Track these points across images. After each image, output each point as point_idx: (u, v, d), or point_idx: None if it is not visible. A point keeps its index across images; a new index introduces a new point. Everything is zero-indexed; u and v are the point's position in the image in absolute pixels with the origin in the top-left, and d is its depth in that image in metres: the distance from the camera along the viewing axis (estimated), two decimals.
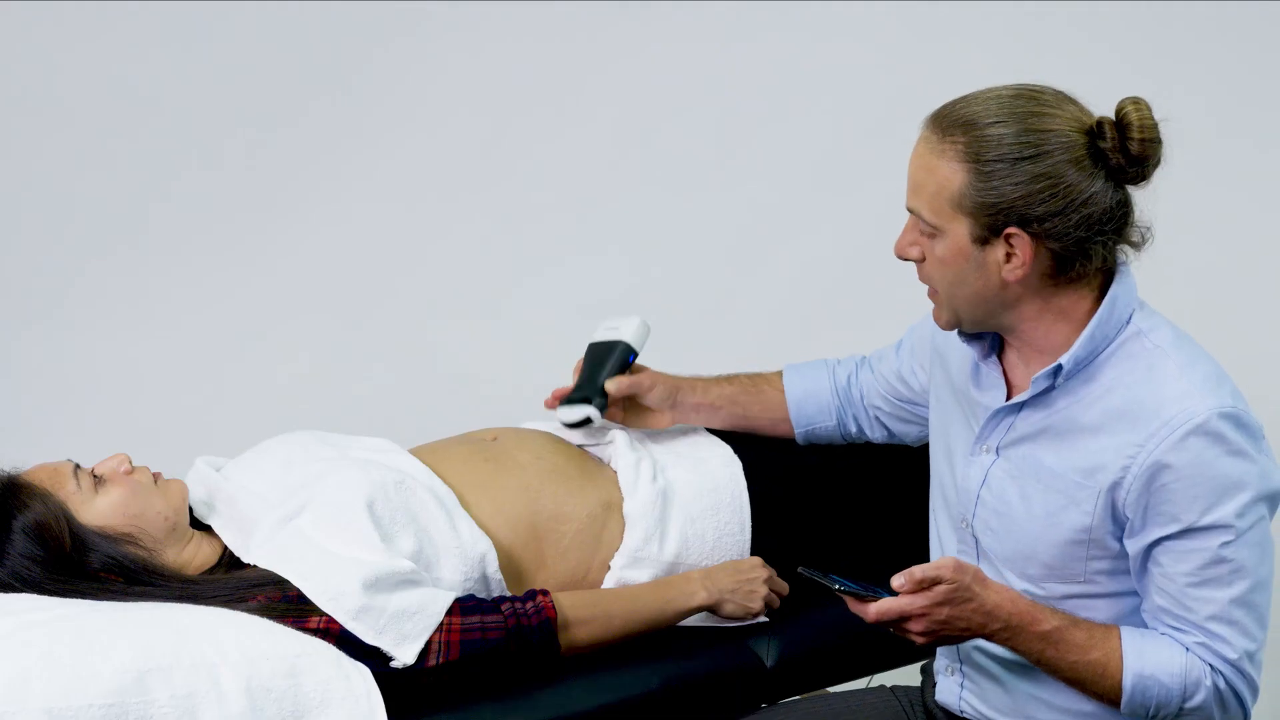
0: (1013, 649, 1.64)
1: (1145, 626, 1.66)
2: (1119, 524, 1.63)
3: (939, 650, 1.84)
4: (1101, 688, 1.63)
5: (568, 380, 2.17)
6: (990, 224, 1.59)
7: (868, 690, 1.95)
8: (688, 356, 3.37)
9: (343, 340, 3.34)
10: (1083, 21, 3.33)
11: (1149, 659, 1.61)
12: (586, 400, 2.07)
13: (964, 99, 1.63)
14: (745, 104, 3.47)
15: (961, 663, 1.79)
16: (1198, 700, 1.61)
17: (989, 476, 1.72)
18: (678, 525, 2.05)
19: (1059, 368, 1.64)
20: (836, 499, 2.11)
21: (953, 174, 1.59)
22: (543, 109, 3.42)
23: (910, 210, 1.65)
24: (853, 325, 3.40)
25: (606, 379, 2.09)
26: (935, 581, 1.57)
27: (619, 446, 2.12)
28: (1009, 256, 1.61)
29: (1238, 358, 1.76)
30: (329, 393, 3.27)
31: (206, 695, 1.63)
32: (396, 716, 1.72)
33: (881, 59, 3.43)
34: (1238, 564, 1.59)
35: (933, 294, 1.70)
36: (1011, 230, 1.59)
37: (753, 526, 2.10)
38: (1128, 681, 1.61)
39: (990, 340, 1.74)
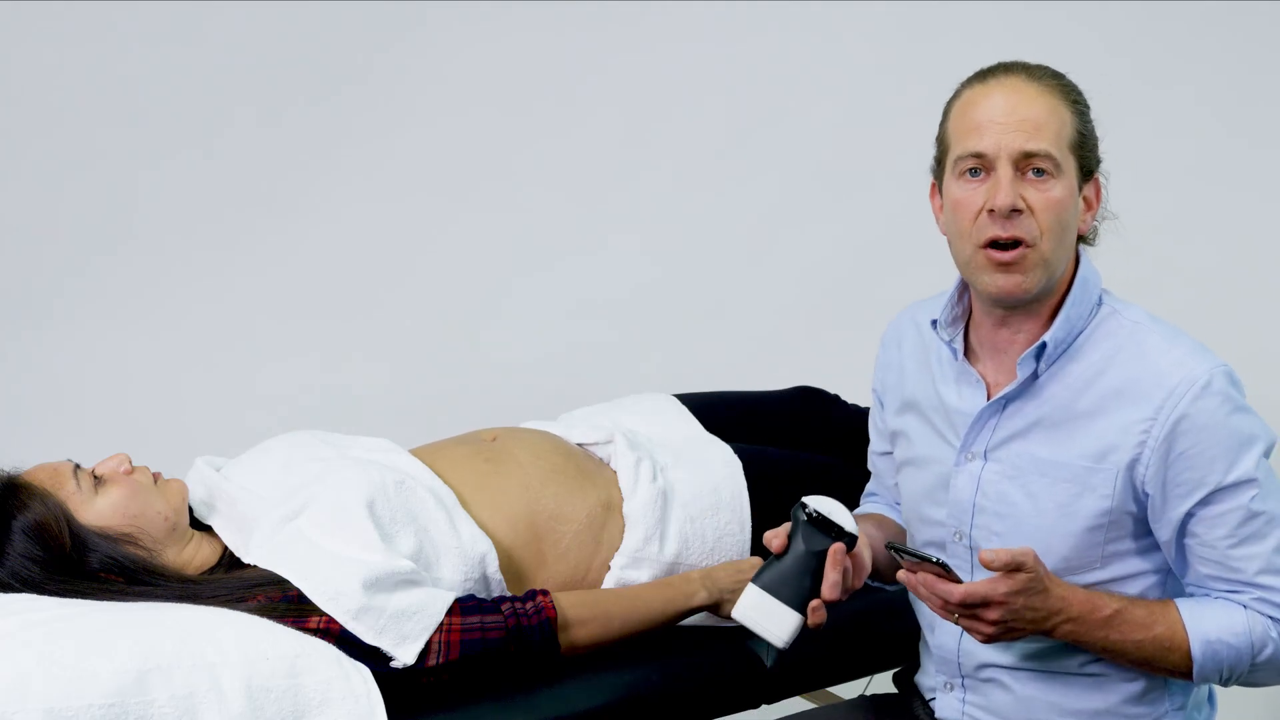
0: (1076, 641, 1.63)
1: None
2: (1139, 503, 1.64)
3: (935, 668, 1.82)
4: (1170, 662, 1.63)
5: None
6: (1087, 166, 1.65)
7: (848, 703, 1.94)
8: (691, 354, 3.39)
9: (343, 340, 3.34)
10: (1083, 20, 3.33)
11: (1210, 624, 1.62)
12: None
13: (1004, 63, 1.67)
14: (745, 104, 3.47)
15: (964, 677, 1.78)
16: (1267, 654, 1.62)
17: (981, 482, 1.71)
18: (678, 525, 2.05)
19: (1043, 346, 1.65)
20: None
21: (1067, 113, 1.63)
22: (542, 108, 3.42)
23: (1032, 153, 1.60)
24: (855, 324, 3.40)
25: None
26: (1018, 567, 1.56)
27: (619, 446, 2.12)
28: (1088, 204, 1.67)
29: (1239, 357, 1.75)
30: (329, 393, 3.27)
31: (206, 695, 1.63)
32: (396, 716, 1.72)
33: (884, 59, 3.43)
34: (1269, 514, 1.61)
35: (1020, 258, 1.61)
36: (1096, 174, 1.66)
37: (753, 526, 2.10)
38: (1196, 650, 1.61)
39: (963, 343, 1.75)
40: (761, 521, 2.10)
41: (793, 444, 2.34)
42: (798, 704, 2.27)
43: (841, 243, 3.44)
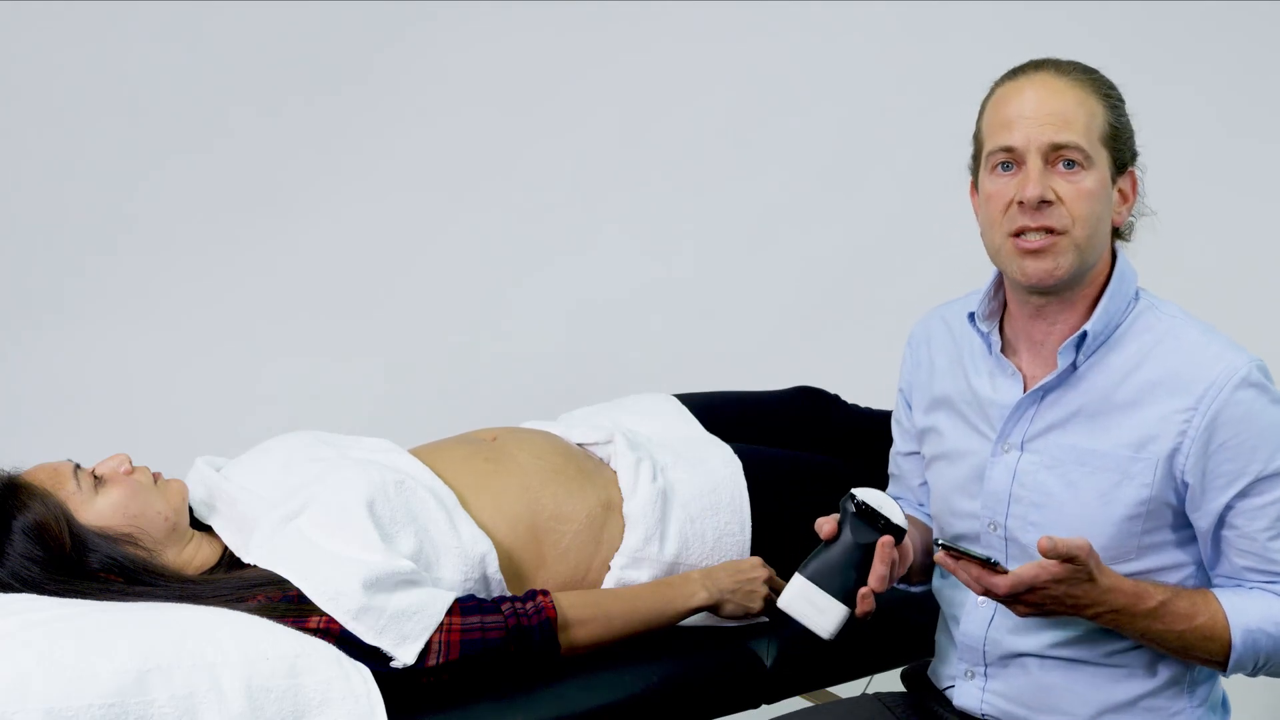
0: (1117, 628, 1.65)
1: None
2: (1178, 493, 1.65)
3: (957, 656, 1.82)
4: (1208, 650, 1.64)
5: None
6: (1121, 159, 1.67)
7: (855, 700, 1.94)
8: (691, 354, 3.39)
9: (342, 340, 3.34)
10: (1083, 20, 3.33)
11: (1251, 613, 1.63)
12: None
13: (1035, 60, 1.69)
14: (745, 104, 3.47)
15: (987, 665, 1.78)
16: None
17: (1018, 473, 1.72)
18: (678, 525, 2.05)
19: (1083, 336, 1.66)
20: (837, 500, 2.11)
21: (1097, 106, 1.65)
22: (542, 108, 3.42)
23: (1061, 145, 1.62)
24: (855, 324, 3.40)
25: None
26: (1070, 558, 1.57)
27: (619, 446, 2.12)
28: (1123, 196, 1.68)
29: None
30: (329, 393, 3.27)
31: (206, 695, 1.63)
32: (396, 716, 1.72)
33: (885, 59, 3.43)
34: None
35: (1051, 244, 1.63)
36: (1131, 168, 1.67)
37: (753, 526, 2.10)
38: (1237, 639, 1.63)
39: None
40: (761, 521, 2.10)
41: (793, 444, 2.34)
42: (798, 704, 2.27)
43: (842, 242, 3.44)
